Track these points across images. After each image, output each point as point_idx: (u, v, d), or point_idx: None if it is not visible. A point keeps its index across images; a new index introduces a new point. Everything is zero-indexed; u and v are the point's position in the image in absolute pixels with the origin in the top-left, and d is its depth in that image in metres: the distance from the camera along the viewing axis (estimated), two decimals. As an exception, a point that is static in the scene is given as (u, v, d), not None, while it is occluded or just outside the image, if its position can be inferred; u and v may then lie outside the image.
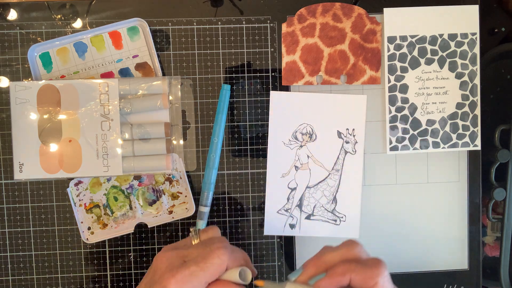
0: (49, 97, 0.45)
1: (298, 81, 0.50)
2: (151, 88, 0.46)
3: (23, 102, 0.45)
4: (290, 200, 0.50)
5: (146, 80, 0.46)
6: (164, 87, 0.46)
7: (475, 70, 0.50)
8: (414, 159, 0.51)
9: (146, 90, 0.46)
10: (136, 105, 0.46)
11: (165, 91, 0.46)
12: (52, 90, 0.45)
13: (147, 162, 0.46)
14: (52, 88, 0.45)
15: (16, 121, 0.45)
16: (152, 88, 0.46)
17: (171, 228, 0.50)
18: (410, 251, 0.51)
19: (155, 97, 0.46)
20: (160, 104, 0.46)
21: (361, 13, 0.49)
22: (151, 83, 0.46)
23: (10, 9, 0.48)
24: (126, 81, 0.46)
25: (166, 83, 0.46)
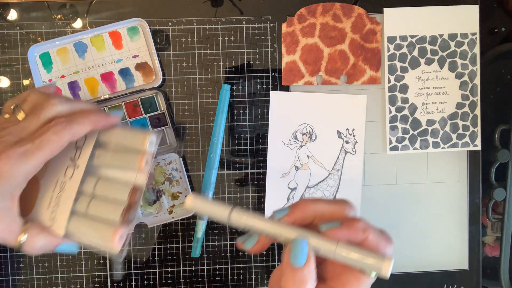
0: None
1: (298, 81, 0.50)
2: (133, 141, 0.37)
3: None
4: (290, 200, 0.50)
5: (134, 133, 0.37)
6: (144, 145, 0.36)
7: (475, 70, 0.50)
8: (414, 159, 0.51)
9: (127, 142, 0.37)
10: (108, 157, 0.37)
11: (145, 151, 0.36)
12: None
13: (92, 231, 0.35)
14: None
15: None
16: (134, 141, 0.37)
17: (171, 228, 0.50)
18: (410, 251, 0.51)
19: (132, 155, 0.36)
20: (135, 165, 0.36)
21: (361, 13, 0.49)
22: (137, 138, 0.37)
23: (10, 9, 0.48)
24: (111, 133, 0.37)
25: (147, 140, 0.36)
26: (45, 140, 0.31)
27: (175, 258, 0.50)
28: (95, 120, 0.34)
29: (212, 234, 0.50)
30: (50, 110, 0.33)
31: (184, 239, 0.50)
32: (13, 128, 0.32)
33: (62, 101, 0.34)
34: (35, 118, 0.33)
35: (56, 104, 0.33)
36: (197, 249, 0.49)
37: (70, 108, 0.34)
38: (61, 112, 0.34)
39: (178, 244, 0.50)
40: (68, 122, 0.32)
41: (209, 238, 0.50)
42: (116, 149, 0.37)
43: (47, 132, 0.32)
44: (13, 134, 0.32)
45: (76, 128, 0.33)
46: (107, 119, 0.35)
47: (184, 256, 0.50)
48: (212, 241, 0.50)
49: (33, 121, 0.33)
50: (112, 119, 0.36)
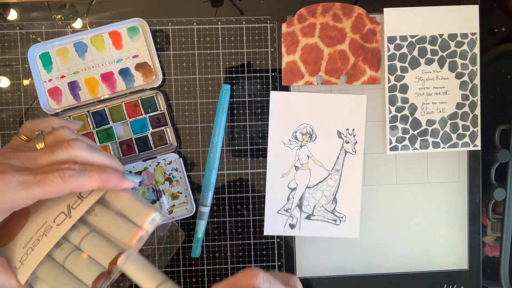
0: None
1: (298, 81, 0.50)
2: (132, 211, 0.34)
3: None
4: (290, 200, 0.50)
5: (139, 204, 0.34)
6: (144, 222, 0.34)
7: (475, 70, 0.50)
8: (414, 159, 0.51)
9: (130, 211, 0.34)
10: (105, 219, 0.34)
11: (142, 229, 0.34)
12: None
13: (59, 286, 0.32)
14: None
15: None
16: (134, 211, 0.34)
17: (171, 228, 0.50)
18: (410, 251, 0.51)
19: (128, 227, 0.34)
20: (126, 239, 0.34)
21: (361, 13, 0.49)
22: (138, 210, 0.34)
23: (10, 9, 0.48)
24: (118, 195, 0.35)
25: (149, 218, 0.34)
26: (47, 180, 0.30)
27: (175, 258, 0.50)
28: (106, 179, 0.32)
29: (212, 234, 0.50)
30: (68, 152, 0.32)
31: (184, 239, 0.50)
32: (24, 154, 0.31)
33: (84, 147, 0.32)
34: (49, 154, 0.31)
35: (76, 149, 0.32)
36: (197, 249, 0.49)
37: (89, 156, 0.32)
38: (78, 157, 0.32)
39: (178, 244, 0.50)
40: (79, 172, 0.31)
41: (209, 238, 0.50)
42: (116, 213, 0.34)
43: (53, 173, 0.30)
44: (21, 159, 0.31)
45: (84, 181, 0.31)
46: (119, 182, 0.33)
47: (184, 256, 0.50)
48: (212, 241, 0.50)
49: (45, 156, 0.31)
50: (124, 183, 0.33)
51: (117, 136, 0.49)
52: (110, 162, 0.34)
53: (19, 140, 0.35)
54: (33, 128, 0.36)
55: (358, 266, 0.51)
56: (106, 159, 0.34)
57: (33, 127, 0.36)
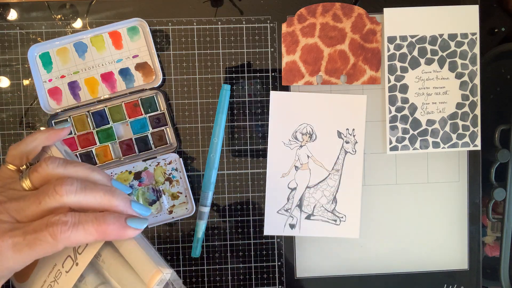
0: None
1: (298, 81, 0.50)
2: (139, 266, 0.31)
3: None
4: (290, 200, 0.50)
5: (147, 259, 0.30)
6: (152, 283, 0.30)
7: (475, 70, 0.50)
8: (414, 159, 0.51)
9: (137, 266, 0.31)
10: (113, 267, 0.31)
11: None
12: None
13: None
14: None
15: None
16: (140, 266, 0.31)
17: (171, 228, 0.50)
18: (410, 251, 0.51)
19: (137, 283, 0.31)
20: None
21: (361, 13, 0.49)
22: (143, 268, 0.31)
23: (10, 9, 0.48)
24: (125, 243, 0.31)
25: (157, 279, 0.30)
26: (38, 240, 0.26)
27: (175, 258, 0.50)
28: (105, 231, 0.28)
29: (212, 234, 0.50)
30: (56, 200, 0.27)
31: (184, 239, 0.50)
32: (12, 205, 0.28)
33: (73, 190, 0.28)
34: (36, 203, 0.28)
35: (65, 195, 0.27)
36: (197, 249, 0.49)
37: (82, 200, 0.28)
38: (69, 204, 0.28)
39: (178, 244, 0.50)
40: (72, 227, 0.27)
41: (209, 238, 0.50)
42: (124, 262, 0.31)
43: (43, 230, 0.26)
44: (10, 212, 0.28)
45: (79, 237, 0.27)
46: (120, 233, 0.28)
47: (184, 256, 0.50)
48: (212, 241, 0.50)
49: (33, 205, 0.28)
50: (127, 233, 0.29)
51: (117, 136, 0.49)
52: (108, 200, 0.29)
53: (7, 172, 0.31)
54: (20, 155, 0.32)
55: (358, 266, 0.51)
56: (103, 197, 0.29)
57: (19, 154, 0.32)
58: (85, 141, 0.48)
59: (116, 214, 0.29)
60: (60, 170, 0.29)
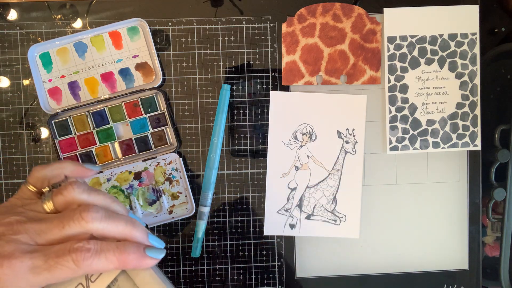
0: None
1: (298, 81, 0.50)
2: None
3: None
4: (290, 200, 0.50)
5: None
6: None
7: (475, 70, 0.50)
8: (414, 159, 0.51)
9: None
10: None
11: None
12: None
13: None
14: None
15: None
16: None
17: (171, 228, 0.50)
18: (410, 251, 0.51)
19: None
20: None
21: (361, 13, 0.49)
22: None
23: (10, 9, 0.48)
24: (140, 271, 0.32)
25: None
26: (59, 265, 0.27)
27: (175, 258, 0.50)
28: (125, 260, 0.28)
29: (212, 234, 0.50)
30: (81, 226, 0.28)
31: (184, 239, 0.50)
32: (32, 226, 0.28)
33: (99, 218, 0.28)
34: (60, 227, 0.28)
35: (90, 221, 0.28)
36: (197, 249, 0.49)
37: (105, 228, 0.29)
38: (93, 230, 0.28)
39: (178, 244, 0.50)
40: (94, 254, 0.27)
41: (209, 238, 0.50)
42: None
43: (65, 256, 0.27)
44: (30, 234, 0.28)
45: (100, 265, 0.28)
46: (139, 262, 0.29)
47: (184, 256, 0.50)
48: (212, 241, 0.50)
49: (56, 229, 0.28)
50: (145, 262, 0.29)
51: (117, 136, 0.49)
52: (129, 230, 0.30)
53: (27, 192, 0.32)
54: (43, 178, 0.32)
55: (358, 266, 0.51)
56: (125, 227, 0.29)
57: (43, 177, 0.32)
58: (85, 141, 0.48)
59: (135, 244, 0.29)
60: (84, 197, 0.29)
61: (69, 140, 0.48)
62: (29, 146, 0.49)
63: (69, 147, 0.48)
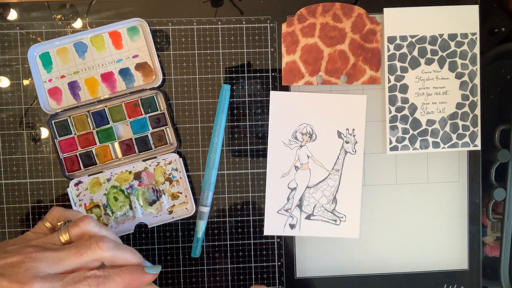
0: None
1: (298, 81, 0.50)
2: None
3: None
4: (290, 200, 0.50)
5: None
6: None
7: (475, 70, 0.50)
8: (414, 159, 0.51)
9: None
10: None
11: None
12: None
13: None
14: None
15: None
16: None
17: (171, 228, 0.50)
18: (410, 251, 0.51)
19: None
20: None
21: (361, 13, 0.49)
22: None
23: (10, 9, 0.48)
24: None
25: None
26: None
27: (175, 258, 0.50)
28: (130, 280, 0.34)
29: (212, 234, 0.50)
30: (96, 254, 0.32)
31: (184, 239, 0.50)
32: (51, 254, 0.32)
33: (111, 247, 0.33)
34: (78, 255, 0.32)
35: (105, 250, 0.33)
36: (197, 249, 0.49)
37: (115, 256, 0.33)
38: (106, 258, 0.33)
39: (178, 244, 0.50)
40: (105, 279, 0.32)
41: (209, 238, 0.50)
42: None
43: (82, 281, 0.31)
44: (49, 262, 0.31)
45: (111, 287, 0.32)
46: (141, 279, 0.34)
47: (184, 256, 0.50)
48: (212, 241, 0.50)
49: (74, 257, 0.32)
50: (146, 278, 0.35)
51: (117, 136, 0.49)
52: (133, 258, 0.35)
53: (42, 227, 0.36)
54: (59, 218, 0.37)
55: (358, 266, 0.51)
56: (130, 255, 0.35)
57: (60, 217, 0.37)
58: (85, 141, 0.48)
59: (134, 265, 0.35)
60: (96, 229, 0.34)
61: (69, 140, 0.48)
62: (29, 146, 0.49)
63: (69, 147, 0.48)
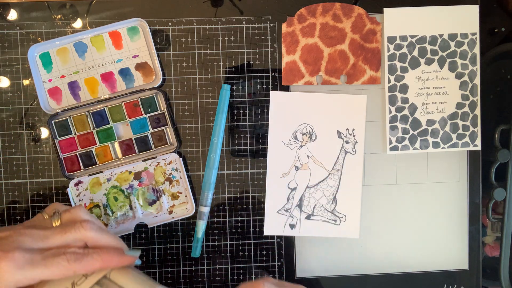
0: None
1: (298, 81, 0.50)
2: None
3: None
4: (290, 200, 0.50)
5: (143, 283, 0.36)
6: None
7: (475, 70, 0.50)
8: (414, 159, 0.51)
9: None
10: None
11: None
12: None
13: None
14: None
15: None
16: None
17: (171, 228, 0.50)
18: (410, 251, 0.51)
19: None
20: None
21: (361, 13, 0.49)
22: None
23: (10, 9, 0.48)
24: (122, 272, 0.36)
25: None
26: (55, 262, 0.32)
27: (175, 258, 0.50)
28: (108, 259, 0.35)
29: (212, 234, 0.50)
30: (79, 233, 0.34)
31: (184, 239, 0.50)
32: (37, 231, 0.34)
33: (95, 229, 0.35)
34: (62, 233, 0.34)
35: (88, 230, 0.35)
36: (197, 249, 0.49)
37: (96, 237, 0.35)
38: (88, 238, 0.35)
39: (178, 244, 0.50)
40: (83, 256, 0.33)
41: (209, 238, 0.50)
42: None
43: (60, 256, 0.33)
44: (34, 237, 0.33)
45: (88, 263, 0.34)
46: (120, 260, 0.35)
47: (184, 256, 0.50)
48: (212, 241, 0.50)
49: (58, 235, 0.34)
50: (125, 260, 0.36)
51: (117, 136, 0.49)
52: (115, 242, 0.37)
53: (40, 217, 0.38)
54: (52, 208, 0.39)
55: (358, 266, 0.51)
56: (113, 240, 0.36)
57: (53, 208, 0.39)
58: (85, 141, 0.48)
59: (114, 247, 0.36)
60: (86, 216, 0.37)
61: (69, 140, 0.48)
62: (29, 146, 0.49)
63: (69, 147, 0.48)
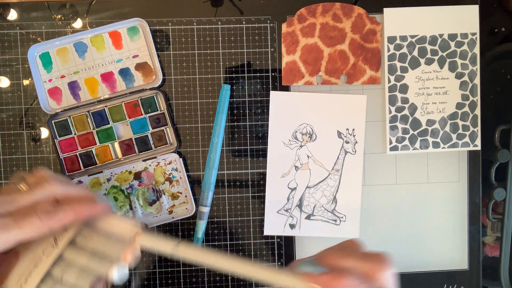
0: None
1: (298, 81, 0.50)
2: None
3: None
4: (290, 200, 0.50)
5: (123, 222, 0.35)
6: (130, 238, 0.34)
7: (475, 70, 0.50)
8: (414, 159, 0.51)
9: (116, 230, 0.35)
10: (93, 240, 0.35)
11: (134, 243, 0.35)
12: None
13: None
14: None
15: None
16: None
17: (171, 228, 0.50)
18: (410, 251, 0.51)
19: (115, 246, 0.35)
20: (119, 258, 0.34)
21: (361, 13, 0.49)
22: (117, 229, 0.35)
23: (10, 9, 0.48)
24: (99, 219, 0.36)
25: (133, 230, 0.35)
26: (27, 222, 0.32)
27: (175, 258, 0.50)
28: (80, 210, 0.34)
29: (212, 234, 0.50)
30: (46, 189, 0.34)
31: (184, 239, 0.50)
32: (5, 197, 0.33)
33: (60, 184, 0.35)
34: (30, 194, 0.33)
35: (53, 185, 0.34)
36: (197, 249, 0.49)
37: (65, 190, 0.35)
38: (55, 193, 0.34)
39: (178, 244, 0.50)
40: (54, 211, 0.33)
41: (209, 238, 0.50)
42: (102, 235, 0.35)
43: (31, 214, 0.32)
44: (1, 203, 0.33)
45: (60, 217, 0.33)
46: (92, 208, 0.35)
47: (184, 256, 0.50)
48: (212, 241, 0.50)
49: (26, 196, 0.33)
50: (97, 208, 0.35)
51: (117, 136, 0.49)
52: (86, 193, 0.36)
53: (6, 187, 0.37)
54: (19, 175, 0.38)
55: (358, 266, 0.51)
56: (83, 191, 0.36)
57: (20, 174, 0.38)
58: (85, 141, 0.48)
59: (85, 197, 0.36)
60: (51, 174, 0.36)
61: (69, 140, 0.48)
62: (29, 146, 0.49)
63: (69, 147, 0.48)
